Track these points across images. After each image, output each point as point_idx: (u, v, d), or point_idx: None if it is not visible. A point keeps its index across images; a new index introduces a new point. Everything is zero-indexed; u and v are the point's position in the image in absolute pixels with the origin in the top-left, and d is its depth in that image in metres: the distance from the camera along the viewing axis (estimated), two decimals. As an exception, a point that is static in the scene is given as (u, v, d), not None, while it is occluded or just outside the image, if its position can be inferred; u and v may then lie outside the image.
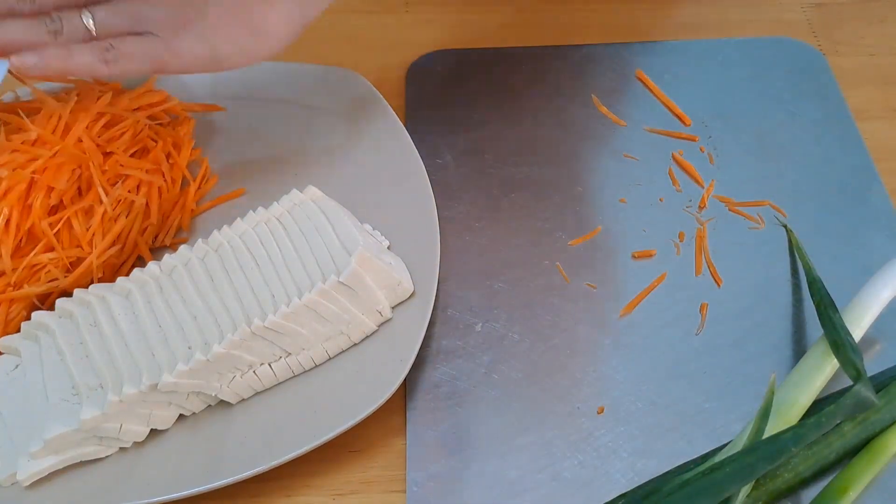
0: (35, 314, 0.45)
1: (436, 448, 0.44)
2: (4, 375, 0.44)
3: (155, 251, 0.52)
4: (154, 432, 0.44)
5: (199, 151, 0.56)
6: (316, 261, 0.45)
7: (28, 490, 0.42)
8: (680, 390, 0.46)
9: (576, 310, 0.49)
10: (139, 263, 0.50)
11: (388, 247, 0.49)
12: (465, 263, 0.51)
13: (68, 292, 0.47)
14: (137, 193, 0.51)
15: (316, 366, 0.46)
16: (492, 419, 0.45)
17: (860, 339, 0.44)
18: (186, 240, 0.53)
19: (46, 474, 0.42)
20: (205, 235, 0.48)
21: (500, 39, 0.64)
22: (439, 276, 0.48)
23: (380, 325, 0.47)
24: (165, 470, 0.43)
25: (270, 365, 0.45)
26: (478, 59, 0.62)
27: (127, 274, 0.48)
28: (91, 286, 0.46)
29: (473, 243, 0.52)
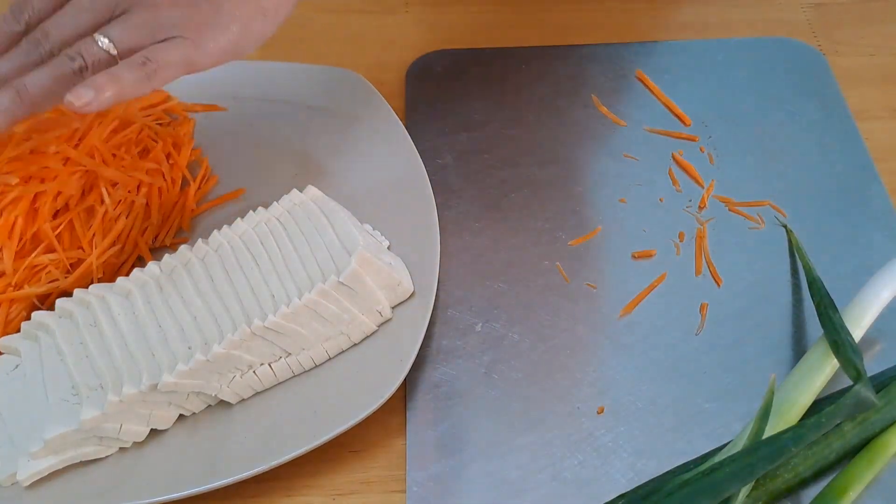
0: (35, 314, 0.45)
1: (436, 448, 0.44)
2: (4, 375, 0.44)
3: (155, 251, 0.52)
4: (154, 432, 0.44)
5: (199, 151, 0.56)
6: (316, 261, 0.45)
7: (28, 490, 0.42)
8: (680, 390, 0.46)
9: (576, 310, 0.49)
10: (139, 263, 0.50)
11: (388, 247, 0.49)
12: (465, 263, 0.51)
13: (68, 292, 0.47)
14: (138, 194, 0.51)
15: (316, 366, 0.46)
16: (492, 419, 0.45)
17: (860, 339, 0.44)
18: (186, 240, 0.53)
19: (46, 474, 0.42)
20: (205, 235, 0.48)
21: (500, 39, 0.64)
22: (439, 276, 0.48)
23: (380, 325, 0.47)
24: (165, 470, 0.43)
25: (270, 365, 0.45)
26: (478, 59, 0.62)
27: (127, 274, 0.48)
28: (91, 286, 0.46)
29: (473, 243, 0.52)
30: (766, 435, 0.40)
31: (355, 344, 0.46)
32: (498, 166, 0.56)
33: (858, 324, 0.44)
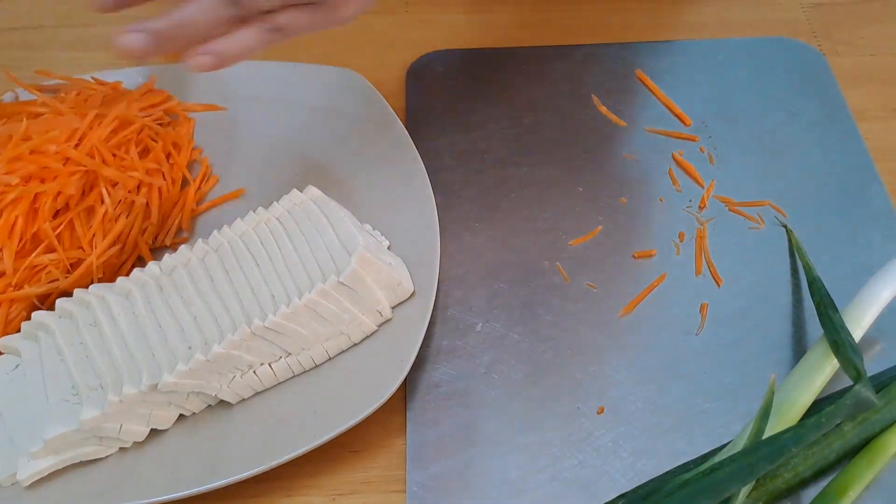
0: (35, 314, 0.45)
1: (436, 448, 0.44)
2: (4, 375, 0.44)
3: (155, 251, 0.52)
4: (154, 432, 0.44)
5: (199, 151, 0.56)
6: (316, 261, 0.45)
7: (28, 490, 0.42)
8: (680, 390, 0.46)
9: (576, 310, 0.49)
10: (139, 263, 0.50)
11: (388, 247, 0.49)
12: (465, 263, 0.51)
13: (68, 292, 0.47)
14: (138, 193, 0.51)
15: (316, 366, 0.46)
16: (492, 419, 0.45)
17: (860, 339, 0.44)
18: (186, 240, 0.53)
19: (46, 474, 0.42)
20: (205, 235, 0.48)
21: (500, 39, 0.64)
22: (439, 276, 0.48)
23: (380, 325, 0.47)
24: (165, 470, 0.43)
25: (270, 365, 0.45)
26: (478, 59, 0.62)
27: (127, 274, 0.48)
28: (91, 286, 0.46)
29: (473, 243, 0.52)
30: (767, 435, 0.40)
31: (355, 344, 0.46)
32: (498, 166, 0.56)
33: (858, 324, 0.44)
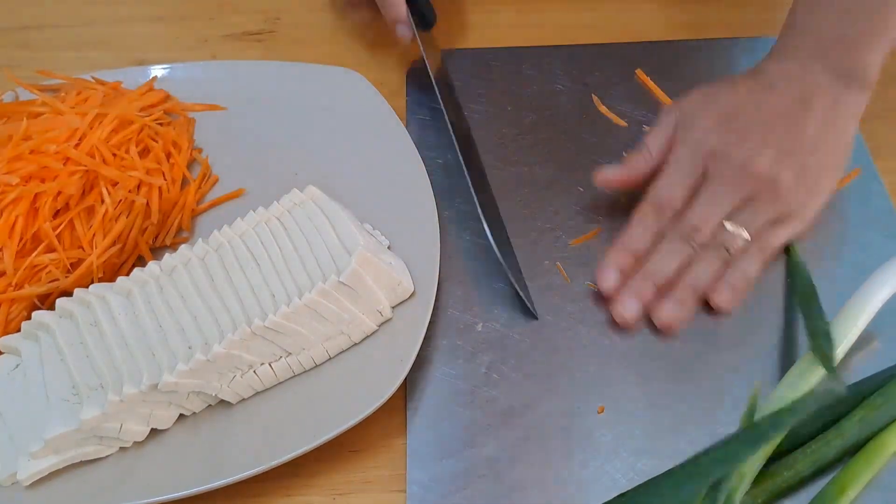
0: (35, 314, 0.45)
1: (436, 448, 0.44)
2: (5, 375, 0.44)
3: (155, 251, 0.52)
4: (154, 432, 0.44)
5: (199, 151, 0.56)
6: (316, 261, 0.45)
7: (28, 490, 0.42)
8: (680, 390, 0.46)
9: (576, 310, 0.49)
10: (139, 263, 0.50)
11: (389, 247, 0.49)
12: (465, 263, 0.51)
13: (69, 292, 0.47)
14: (138, 193, 0.51)
15: (316, 366, 0.46)
16: (491, 419, 0.45)
17: (857, 338, 0.44)
18: (187, 239, 0.53)
19: (46, 474, 0.42)
20: (205, 235, 0.48)
21: (501, 39, 0.64)
22: (439, 276, 0.48)
23: (380, 325, 0.47)
24: (165, 470, 0.43)
25: (271, 365, 0.45)
26: (478, 59, 0.62)
27: (127, 274, 0.48)
28: (91, 286, 0.46)
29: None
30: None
31: (355, 344, 0.46)
32: (498, 166, 0.56)
33: (855, 322, 0.44)
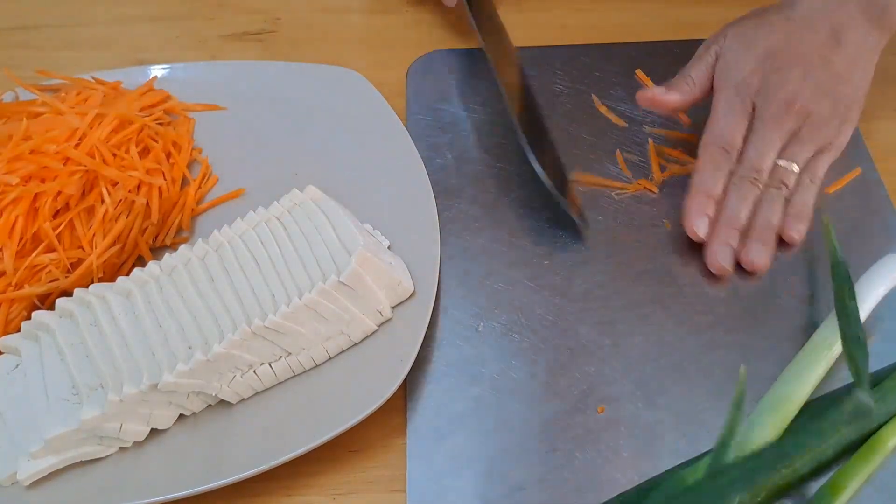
0: (35, 314, 0.45)
1: (436, 448, 0.44)
2: (4, 375, 0.44)
3: (155, 251, 0.52)
4: (154, 432, 0.44)
5: (199, 151, 0.56)
6: (316, 260, 0.45)
7: (28, 490, 0.42)
8: (680, 390, 0.46)
9: (576, 310, 0.49)
10: (139, 263, 0.50)
11: (389, 247, 0.49)
12: (465, 263, 0.51)
13: (69, 292, 0.47)
14: (138, 193, 0.51)
15: (316, 365, 0.46)
16: (492, 419, 0.45)
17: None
18: (187, 239, 0.53)
19: (46, 474, 0.42)
20: (205, 235, 0.48)
21: (500, 39, 0.64)
22: (439, 276, 0.48)
23: (380, 325, 0.47)
24: (165, 470, 0.43)
25: (271, 365, 0.45)
26: (478, 59, 0.62)
27: (127, 274, 0.48)
28: (91, 286, 0.46)
29: (473, 243, 0.52)
30: (757, 430, 0.41)
31: (355, 344, 0.46)
32: (498, 166, 0.56)
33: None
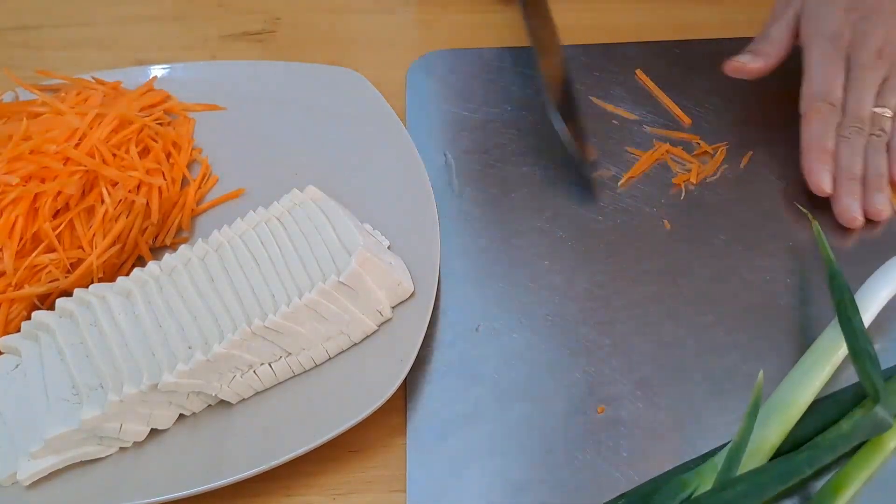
0: (35, 314, 0.45)
1: (436, 448, 0.44)
2: (4, 375, 0.44)
3: (155, 251, 0.52)
4: (154, 432, 0.44)
5: (199, 151, 0.56)
6: (316, 261, 0.45)
7: (28, 490, 0.42)
8: (680, 390, 0.46)
9: (576, 310, 0.49)
10: (139, 263, 0.50)
11: (388, 247, 0.49)
12: (465, 263, 0.51)
13: (68, 292, 0.47)
14: (138, 193, 0.51)
15: (316, 366, 0.46)
16: (492, 419, 0.45)
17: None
18: (187, 239, 0.53)
19: (46, 474, 0.42)
20: (205, 235, 0.48)
21: (500, 39, 0.64)
22: (439, 276, 0.48)
23: (380, 325, 0.47)
24: (165, 470, 0.43)
25: (270, 365, 0.45)
26: (478, 59, 0.62)
27: (127, 274, 0.48)
28: (91, 286, 0.46)
29: (473, 243, 0.52)
30: (761, 433, 0.41)
31: (355, 344, 0.46)
32: (498, 166, 0.56)
33: (857, 323, 0.44)
